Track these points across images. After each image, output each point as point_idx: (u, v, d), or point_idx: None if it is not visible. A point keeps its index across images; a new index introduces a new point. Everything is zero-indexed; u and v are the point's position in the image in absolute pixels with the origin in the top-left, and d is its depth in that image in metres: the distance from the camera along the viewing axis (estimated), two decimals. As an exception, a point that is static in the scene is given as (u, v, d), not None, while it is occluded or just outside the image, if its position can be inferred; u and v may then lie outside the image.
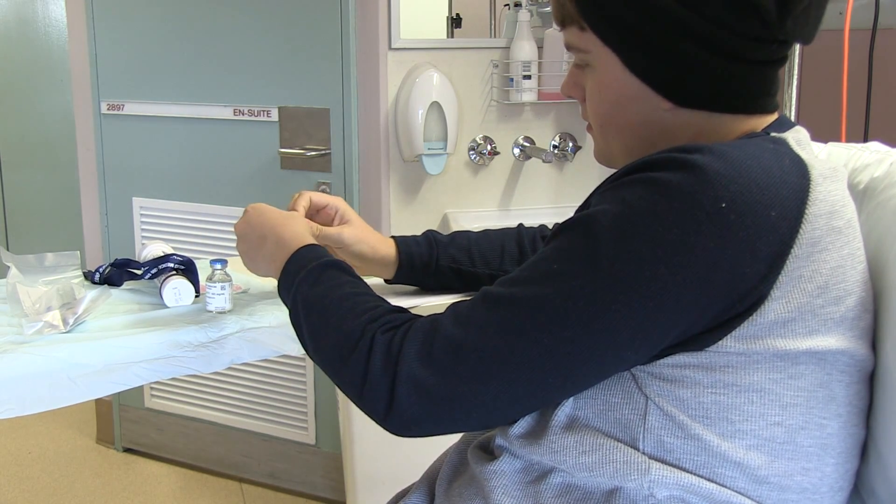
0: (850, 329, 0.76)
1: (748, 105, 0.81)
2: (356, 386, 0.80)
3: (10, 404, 1.00)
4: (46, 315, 1.08)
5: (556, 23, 0.87)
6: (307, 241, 1.00)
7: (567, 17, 0.83)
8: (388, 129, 2.11)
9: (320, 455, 2.40)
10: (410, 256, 1.16)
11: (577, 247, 0.73)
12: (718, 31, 0.76)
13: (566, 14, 0.83)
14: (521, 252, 1.17)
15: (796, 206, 0.72)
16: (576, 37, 0.83)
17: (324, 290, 0.89)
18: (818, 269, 0.73)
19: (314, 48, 2.13)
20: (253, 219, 1.09)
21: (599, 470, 0.76)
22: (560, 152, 2.20)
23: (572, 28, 0.83)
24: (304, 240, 1.00)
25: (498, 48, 2.14)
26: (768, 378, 0.73)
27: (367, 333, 0.80)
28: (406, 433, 0.79)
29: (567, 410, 0.79)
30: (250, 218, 1.09)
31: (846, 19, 1.58)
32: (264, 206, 1.10)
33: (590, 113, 0.87)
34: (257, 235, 1.07)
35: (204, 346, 1.11)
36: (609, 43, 0.81)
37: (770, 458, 0.75)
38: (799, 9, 0.77)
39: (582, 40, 0.83)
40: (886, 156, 0.93)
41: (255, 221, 1.08)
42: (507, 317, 0.74)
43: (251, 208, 1.11)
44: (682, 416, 0.74)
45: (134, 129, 2.42)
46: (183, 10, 2.28)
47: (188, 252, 1.41)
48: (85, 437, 2.82)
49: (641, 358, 0.74)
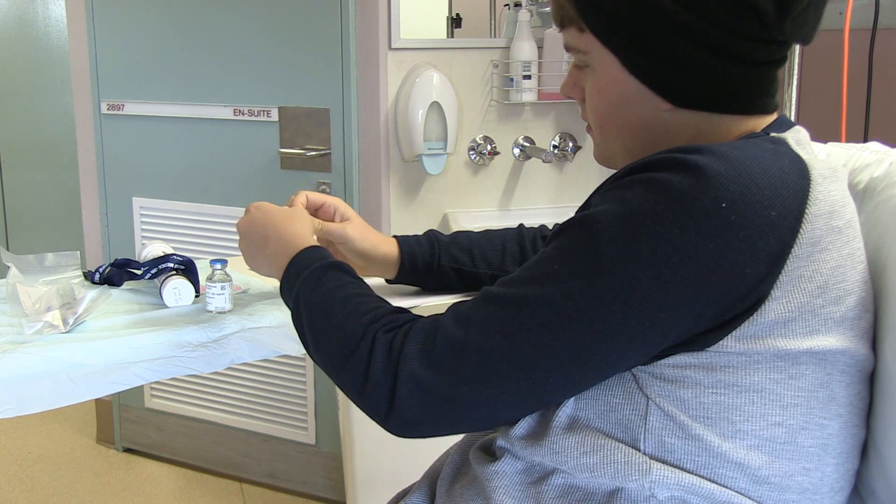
0: (850, 329, 0.76)
1: (747, 106, 0.81)
2: (357, 387, 0.80)
3: (10, 404, 1.00)
4: (46, 315, 1.08)
5: (555, 24, 0.87)
6: (309, 243, 1.00)
7: (566, 18, 0.83)
8: (388, 129, 2.11)
9: (320, 455, 2.40)
10: (412, 255, 1.16)
11: (578, 247, 0.73)
12: (717, 32, 0.76)
13: (565, 15, 0.83)
14: (522, 252, 1.17)
15: (796, 206, 0.72)
16: (575, 38, 0.84)
17: (325, 292, 0.89)
18: (818, 268, 0.73)
19: (314, 48, 2.13)
20: (256, 218, 1.09)
21: (600, 470, 0.76)
22: (560, 152, 2.20)
23: (571, 29, 0.84)
24: (307, 241, 1.00)
25: (498, 48, 2.14)
26: (769, 378, 0.73)
27: (368, 334, 0.81)
28: (407, 434, 0.79)
29: (568, 411, 0.79)
30: (253, 217, 1.09)
31: (846, 19, 1.58)
32: (267, 205, 1.10)
33: (589, 114, 0.87)
34: (260, 235, 1.07)
35: (204, 346, 1.11)
36: (608, 44, 0.81)
37: (771, 459, 0.75)
38: (797, 10, 0.77)
39: (581, 41, 0.83)
40: (886, 156, 0.93)
41: (257, 220, 1.08)
42: (508, 317, 0.74)
43: (254, 207, 1.10)
44: (683, 416, 0.74)
45: (134, 129, 2.42)
46: (183, 10, 2.28)
47: (188, 252, 1.41)
48: (85, 437, 2.82)
49: (642, 358, 0.74)
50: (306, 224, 1.07)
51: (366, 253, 1.15)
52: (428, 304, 1.20)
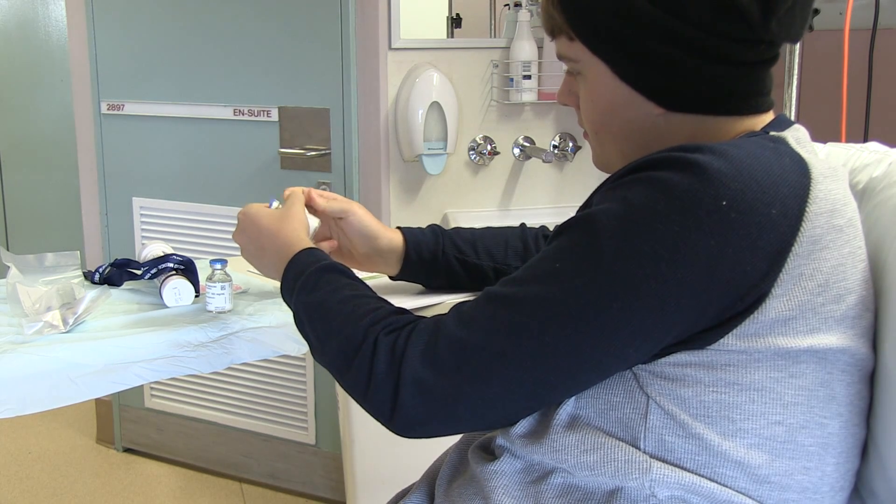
0: (850, 328, 0.76)
1: (741, 106, 0.81)
2: (361, 389, 0.80)
3: (10, 404, 1.00)
4: (46, 315, 1.08)
5: (546, 33, 0.87)
6: (302, 245, 1.00)
7: (556, 27, 0.84)
8: (388, 129, 2.11)
9: (320, 455, 2.40)
10: (418, 245, 1.16)
11: (579, 246, 0.73)
12: (704, 36, 0.77)
13: (555, 25, 0.84)
14: (525, 248, 1.17)
15: (797, 205, 0.72)
16: (566, 47, 0.84)
17: (323, 295, 0.89)
18: (819, 267, 0.73)
19: (314, 48, 2.13)
20: (247, 228, 1.08)
21: (601, 469, 0.77)
22: (560, 152, 2.20)
23: (562, 38, 0.84)
24: (300, 243, 1.00)
25: (498, 48, 2.14)
26: (769, 377, 0.73)
27: (369, 336, 0.80)
28: (412, 434, 0.79)
29: (569, 409, 0.79)
30: (244, 227, 1.09)
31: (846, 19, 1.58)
32: (254, 212, 1.09)
33: (584, 120, 0.88)
34: (255, 247, 1.07)
35: (204, 346, 1.11)
36: (598, 52, 0.81)
37: (771, 458, 0.75)
38: (783, 10, 0.77)
39: (572, 50, 0.84)
40: (885, 156, 0.93)
41: (249, 231, 1.08)
42: (510, 316, 0.74)
43: (242, 215, 1.10)
44: (684, 415, 0.74)
45: (134, 129, 2.42)
46: (183, 10, 2.28)
47: (188, 252, 1.41)
48: (85, 437, 2.82)
49: (643, 356, 0.74)
50: (297, 224, 1.06)
51: (371, 234, 1.14)
52: (430, 303, 1.20)
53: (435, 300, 1.21)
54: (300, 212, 1.09)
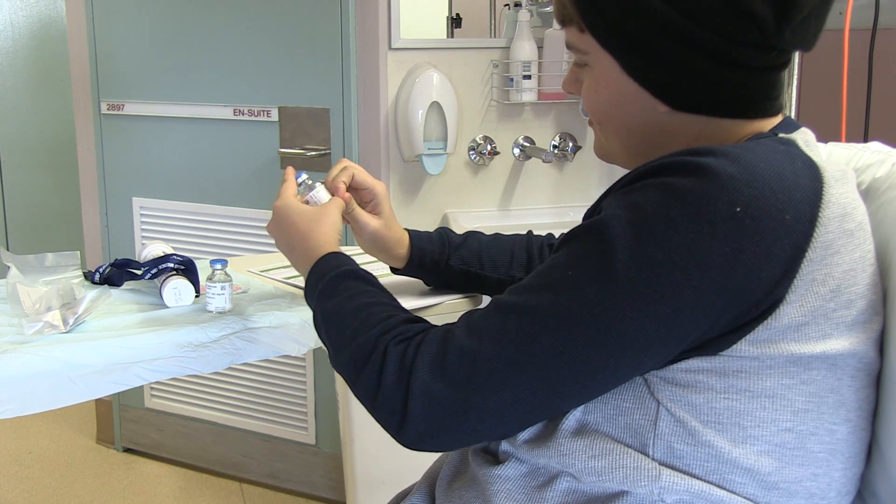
0: (861, 333, 0.75)
1: (748, 110, 0.81)
2: (370, 398, 0.79)
3: (10, 404, 1.00)
4: (46, 315, 1.08)
5: (556, 21, 0.87)
6: (329, 248, 0.98)
7: (567, 16, 0.83)
8: (388, 129, 2.10)
9: (320, 455, 2.40)
10: (422, 251, 1.16)
11: (591, 253, 0.72)
12: (716, 39, 0.76)
13: (566, 14, 0.83)
14: (529, 259, 1.17)
15: (810, 210, 0.71)
16: (575, 37, 0.83)
17: (340, 302, 0.89)
18: (831, 272, 0.72)
19: (314, 48, 2.13)
20: (281, 223, 1.05)
21: (609, 475, 0.76)
22: (560, 152, 2.20)
23: (572, 28, 0.83)
24: (327, 246, 0.99)
25: (498, 48, 2.14)
26: (781, 383, 0.73)
27: (379, 345, 0.80)
28: (422, 447, 0.78)
29: (577, 415, 0.78)
30: (279, 222, 1.05)
31: (846, 19, 1.58)
32: (289, 207, 1.05)
33: (588, 110, 0.87)
34: (286, 244, 1.05)
35: (204, 346, 1.11)
36: (607, 46, 0.81)
37: (780, 464, 0.75)
38: (797, 19, 0.76)
39: (581, 41, 0.83)
40: (888, 156, 0.92)
41: (283, 226, 1.05)
42: (521, 325, 0.73)
43: (277, 209, 1.06)
44: (694, 421, 0.74)
45: (134, 129, 2.42)
46: (183, 10, 2.28)
47: (188, 252, 1.41)
48: (85, 437, 2.81)
49: (657, 363, 0.74)
50: (328, 228, 1.02)
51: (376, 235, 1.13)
52: (431, 303, 1.20)
53: (436, 300, 1.21)
54: (334, 214, 1.05)
